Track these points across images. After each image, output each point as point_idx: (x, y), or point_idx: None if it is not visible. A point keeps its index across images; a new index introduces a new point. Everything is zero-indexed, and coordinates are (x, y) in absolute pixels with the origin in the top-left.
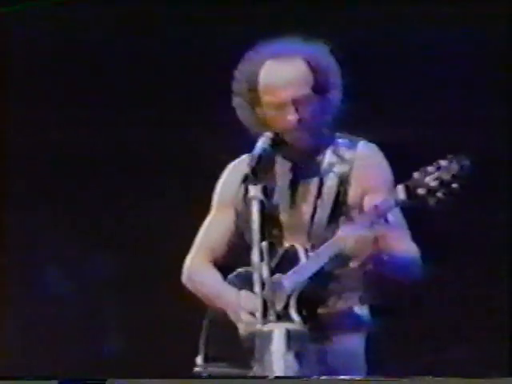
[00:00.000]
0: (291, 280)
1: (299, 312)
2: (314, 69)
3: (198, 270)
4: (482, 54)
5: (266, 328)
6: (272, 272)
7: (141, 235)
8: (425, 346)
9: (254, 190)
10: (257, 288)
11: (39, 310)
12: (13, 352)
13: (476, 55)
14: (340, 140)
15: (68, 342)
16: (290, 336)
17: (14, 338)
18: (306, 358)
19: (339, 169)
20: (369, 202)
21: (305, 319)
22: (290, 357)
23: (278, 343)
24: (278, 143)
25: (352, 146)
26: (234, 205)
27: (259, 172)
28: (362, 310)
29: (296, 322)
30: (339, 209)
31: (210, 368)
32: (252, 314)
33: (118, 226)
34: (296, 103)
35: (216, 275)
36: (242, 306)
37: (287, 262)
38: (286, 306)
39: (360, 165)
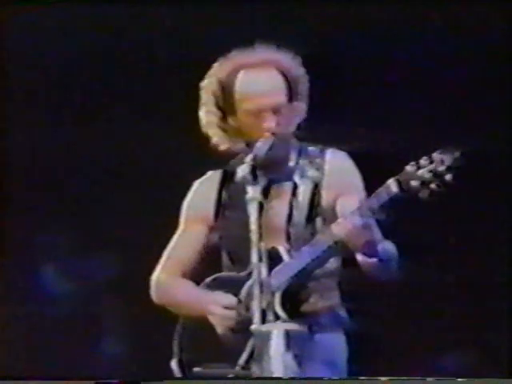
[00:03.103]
0: (276, 278)
1: (284, 309)
2: (286, 78)
3: (169, 281)
4: (458, 51)
5: (264, 328)
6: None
7: (141, 235)
8: (424, 347)
9: (253, 191)
10: (256, 288)
11: (39, 310)
12: (13, 352)
13: (452, 52)
14: (310, 148)
15: (68, 342)
16: (289, 336)
17: (13, 338)
18: (302, 358)
19: (312, 174)
20: (342, 204)
21: (290, 315)
22: (289, 357)
23: (276, 343)
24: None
25: (322, 153)
26: (203, 220)
27: (258, 173)
28: (342, 310)
29: (282, 317)
30: (315, 210)
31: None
32: (227, 308)
33: (118, 226)
34: (274, 111)
35: (190, 284)
36: (217, 301)
37: (268, 263)
38: (270, 304)
39: (331, 170)
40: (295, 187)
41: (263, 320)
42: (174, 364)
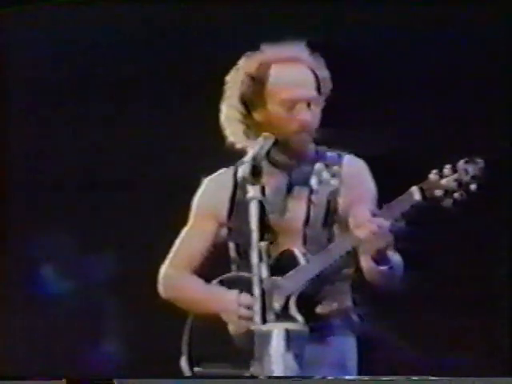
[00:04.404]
0: (291, 281)
1: (300, 312)
2: (316, 77)
3: (178, 277)
4: (478, 57)
5: (264, 328)
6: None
7: (141, 235)
8: (424, 347)
9: (253, 191)
10: (256, 288)
11: (39, 310)
12: (13, 352)
13: (472, 58)
14: (327, 153)
15: (68, 342)
16: (289, 336)
17: (14, 338)
18: (305, 358)
19: (328, 180)
20: (353, 213)
21: (306, 319)
22: (290, 357)
23: (277, 343)
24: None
25: (339, 159)
26: (214, 217)
27: (258, 172)
28: (354, 313)
29: (299, 321)
30: (331, 217)
31: (204, 368)
32: (249, 308)
33: (118, 225)
34: (308, 103)
35: (199, 280)
36: (239, 303)
37: (283, 264)
38: (285, 307)
39: (348, 178)
40: (311, 192)
41: (264, 319)
42: (183, 361)
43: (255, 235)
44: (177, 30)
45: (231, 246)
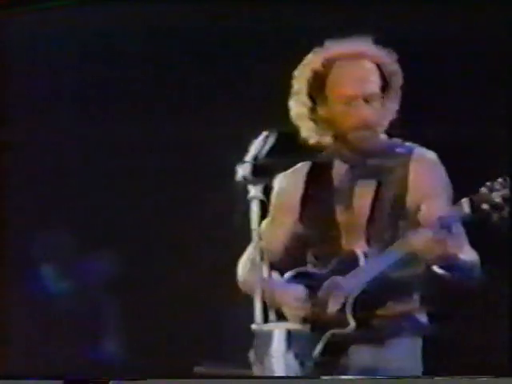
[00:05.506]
0: (350, 283)
1: (354, 315)
2: (381, 72)
3: (255, 269)
4: None
5: (266, 328)
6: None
7: (141, 234)
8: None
9: (254, 190)
10: (258, 287)
11: (39, 310)
12: (13, 352)
13: None
14: (397, 146)
15: (68, 342)
16: (290, 336)
17: (13, 338)
18: (307, 358)
19: (396, 173)
20: (427, 209)
21: (359, 323)
22: (291, 357)
23: (278, 343)
24: (280, 143)
25: (408, 152)
26: (290, 212)
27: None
28: (420, 314)
29: (351, 325)
30: (398, 212)
31: (210, 368)
32: (297, 299)
33: (118, 226)
34: (366, 99)
35: (274, 274)
36: (288, 292)
37: (346, 265)
38: (343, 309)
39: (417, 170)
40: (378, 186)
41: (265, 319)
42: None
43: (256, 234)
44: (243, 26)
45: (307, 247)
